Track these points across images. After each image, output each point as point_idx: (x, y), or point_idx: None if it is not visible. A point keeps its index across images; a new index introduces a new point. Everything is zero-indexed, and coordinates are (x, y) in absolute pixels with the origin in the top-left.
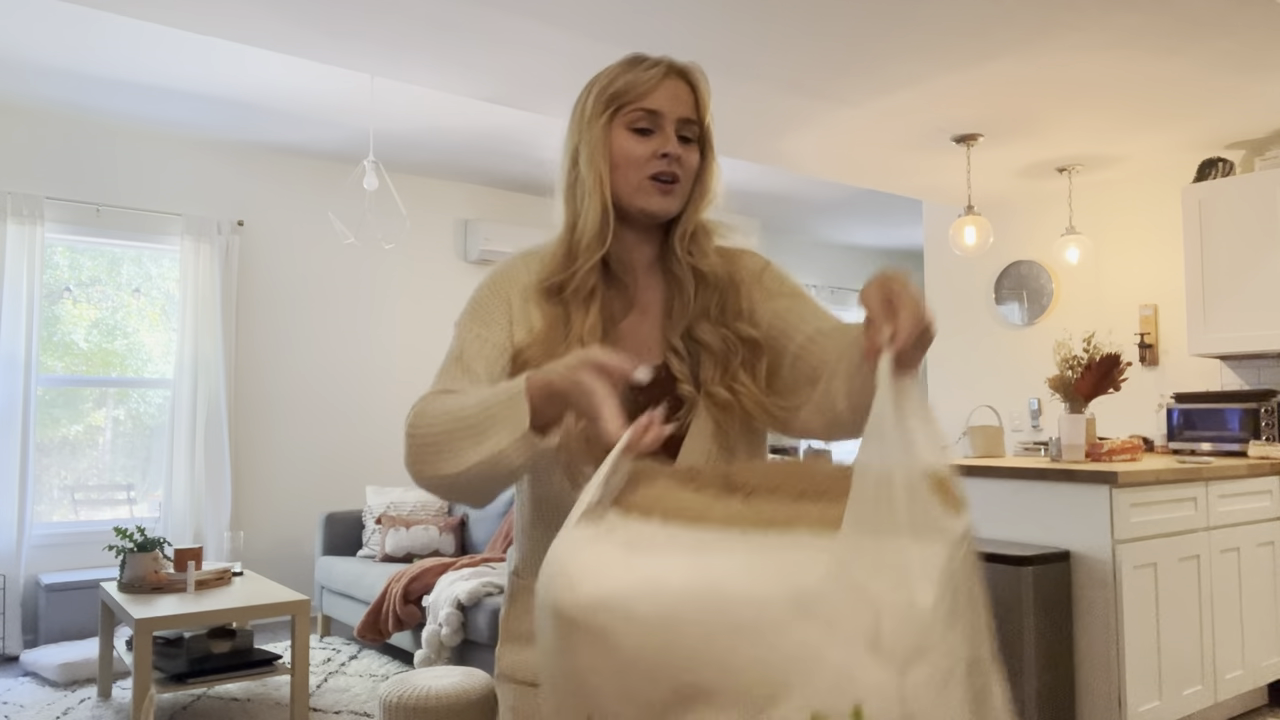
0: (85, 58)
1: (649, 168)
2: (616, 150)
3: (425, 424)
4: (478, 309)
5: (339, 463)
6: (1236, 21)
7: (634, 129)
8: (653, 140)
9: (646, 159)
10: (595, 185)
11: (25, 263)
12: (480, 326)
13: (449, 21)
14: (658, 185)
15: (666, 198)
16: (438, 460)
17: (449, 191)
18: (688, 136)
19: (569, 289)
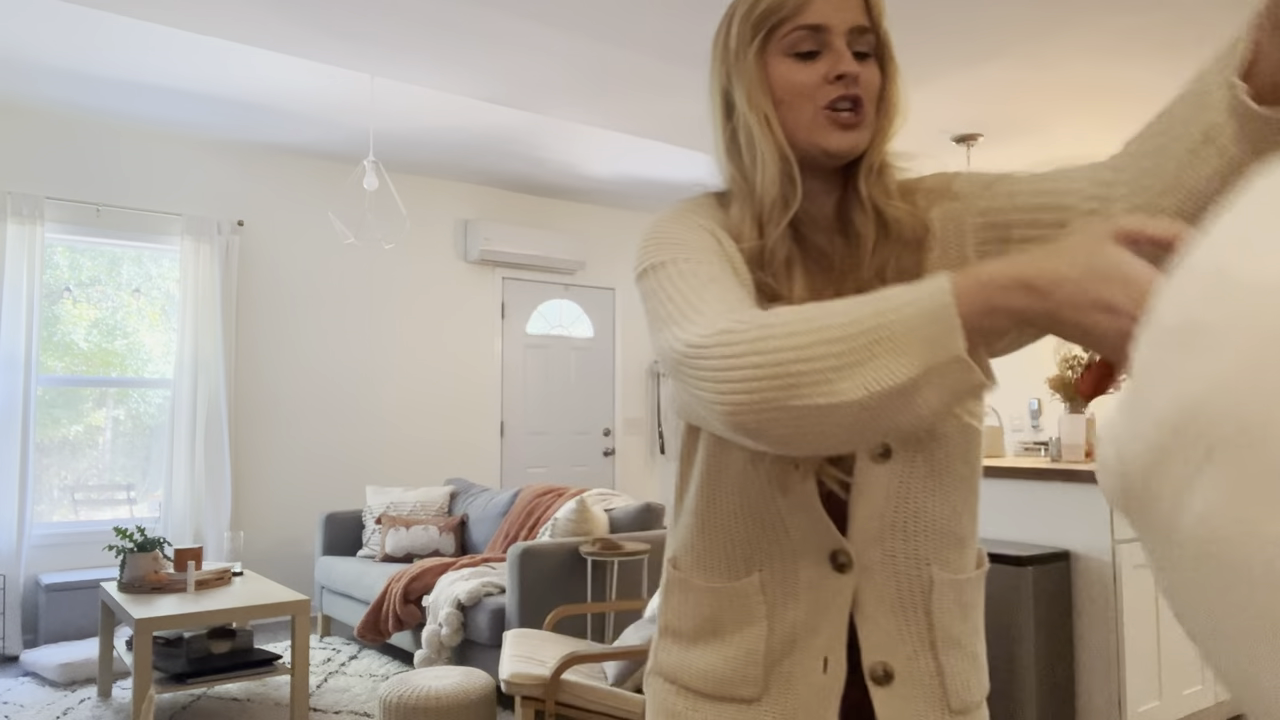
0: (86, 58)
1: (822, 96)
2: (778, 83)
3: (777, 338)
4: (695, 247)
5: (339, 463)
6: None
7: (795, 54)
8: (821, 62)
9: (817, 86)
10: (765, 130)
11: (25, 263)
12: (712, 263)
13: (449, 22)
14: (837, 116)
15: (851, 130)
16: (799, 390)
17: (449, 191)
18: (863, 50)
19: (765, 266)
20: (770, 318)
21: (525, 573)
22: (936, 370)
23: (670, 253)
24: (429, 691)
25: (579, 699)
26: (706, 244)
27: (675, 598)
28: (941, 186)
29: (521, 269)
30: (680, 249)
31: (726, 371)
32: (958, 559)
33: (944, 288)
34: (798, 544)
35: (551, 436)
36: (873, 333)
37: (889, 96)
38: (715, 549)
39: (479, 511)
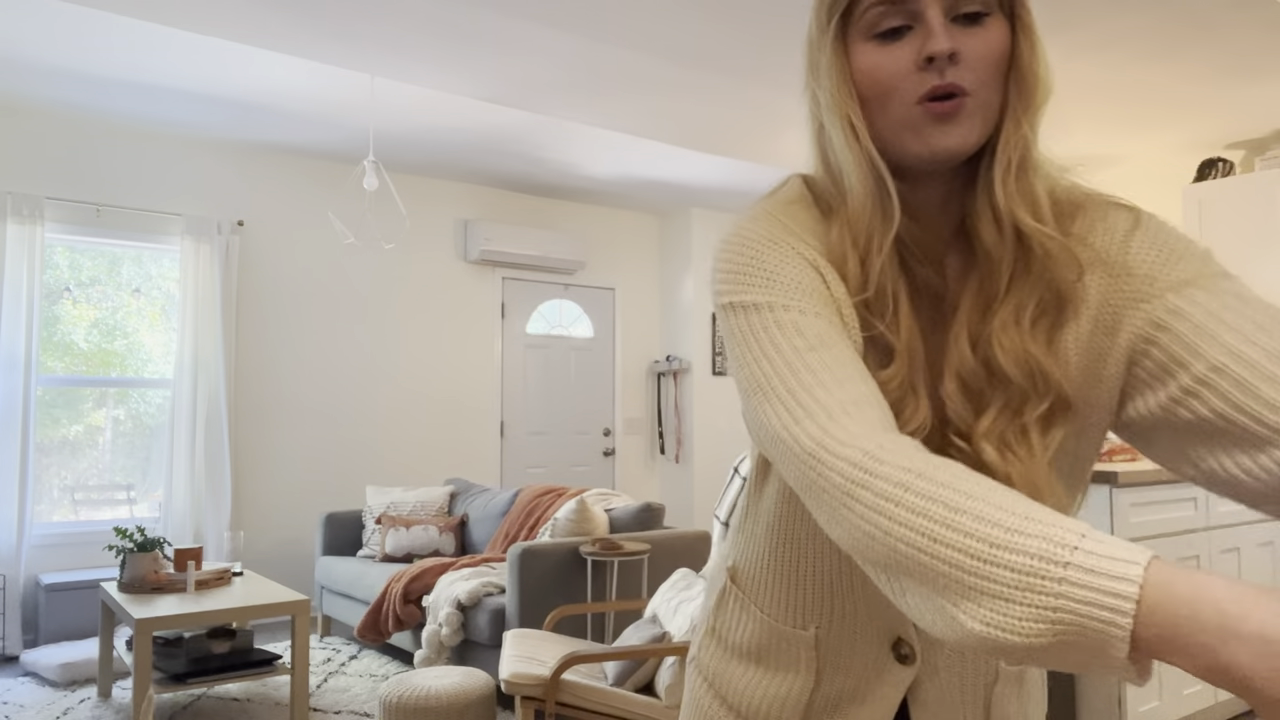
0: (86, 58)
1: (912, 88)
2: (860, 75)
3: (917, 513)
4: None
5: (339, 463)
6: (1236, 23)
7: (877, 35)
8: (910, 41)
9: (906, 74)
10: (849, 137)
11: (25, 263)
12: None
13: (449, 22)
14: (932, 110)
15: (949, 125)
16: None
17: (449, 191)
18: (973, 10)
19: (871, 307)
20: (918, 477)
21: (525, 573)
22: (1072, 653)
23: (766, 292)
24: (429, 691)
25: (579, 699)
26: (809, 284)
27: (729, 608)
28: (1112, 245)
29: (521, 269)
30: (778, 290)
31: (848, 510)
32: None
33: (1127, 604)
34: (862, 619)
35: (551, 436)
36: (1024, 583)
37: (1022, 63)
38: (777, 587)
39: (479, 511)
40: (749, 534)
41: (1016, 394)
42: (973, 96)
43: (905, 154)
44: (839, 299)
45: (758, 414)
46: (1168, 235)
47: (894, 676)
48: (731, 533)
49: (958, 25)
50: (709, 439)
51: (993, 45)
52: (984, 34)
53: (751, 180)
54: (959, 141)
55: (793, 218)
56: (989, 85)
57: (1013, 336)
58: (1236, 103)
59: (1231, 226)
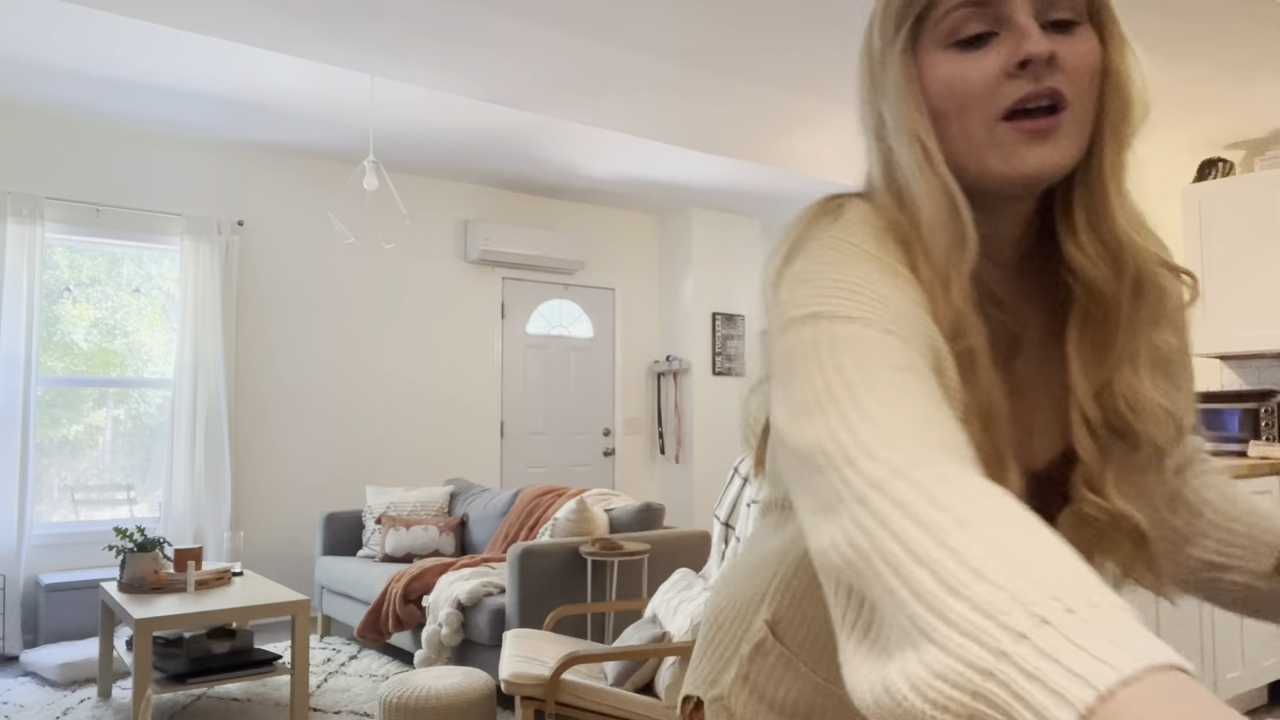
0: (85, 58)
1: (1000, 99)
2: (934, 87)
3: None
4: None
5: (339, 463)
6: (1236, 23)
7: (956, 42)
8: (996, 48)
9: (993, 84)
10: (919, 161)
11: (25, 263)
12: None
13: (449, 22)
14: (1022, 126)
15: (1043, 144)
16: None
17: (449, 191)
18: (1064, 18)
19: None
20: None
21: (525, 573)
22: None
23: (858, 307)
24: (429, 691)
25: (579, 699)
26: (913, 315)
27: (769, 662)
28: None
29: (521, 269)
30: (875, 308)
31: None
32: None
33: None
34: None
35: (551, 436)
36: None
37: (1120, 76)
38: (830, 644)
39: (479, 511)
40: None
41: (1152, 439)
42: (1070, 110)
43: (986, 176)
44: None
45: (802, 431)
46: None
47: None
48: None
49: (1048, 32)
50: (709, 439)
51: (1088, 54)
52: (1078, 42)
53: (751, 180)
54: (1055, 161)
55: (876, 244)
56: (1085, 98)
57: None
58: (1236, 103)
59: (1231, 226)
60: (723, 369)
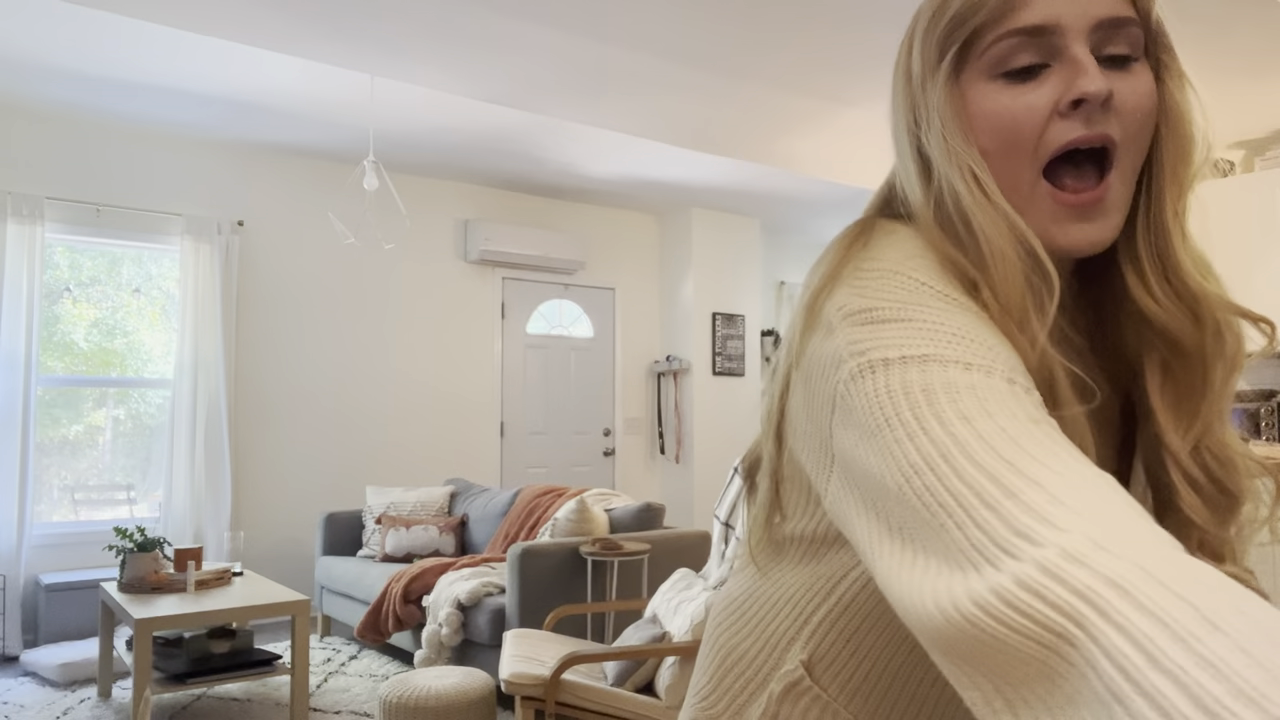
0: (85, 58)
1: (1049, 139)
2: (980, 123)
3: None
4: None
5: (339, 463)
6: (1237, 23)
7: (1005, 73)
8: (1048, 81)
9: (1041, 122)
10: (979, 198)
11: (25, 263)
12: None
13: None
14: (1067, 201)
15: (1087, 221)
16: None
17: (449, 191)
18: (1120, 54)
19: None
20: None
21: (525, 573)
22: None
23: (951, 349)
24: (429, 691)
25: (579, 699)
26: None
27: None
28: None
29: (521, 269)
30: (965, 346)
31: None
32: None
33: None
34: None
35: (551, 436)
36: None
37: (1176, 116)
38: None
39: (479, 511)
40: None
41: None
42: (1118, 167)
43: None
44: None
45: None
46: None
47: None
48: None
49: (1104, 69)
50: (709, 439)
51: (1145, 95)
52: (1135, 80)
53: (751, 180)
54: (1093, 240)
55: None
56: (1136, 144)
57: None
58: (1237, 103)
59: (1231, 226)
60: (723, 369)
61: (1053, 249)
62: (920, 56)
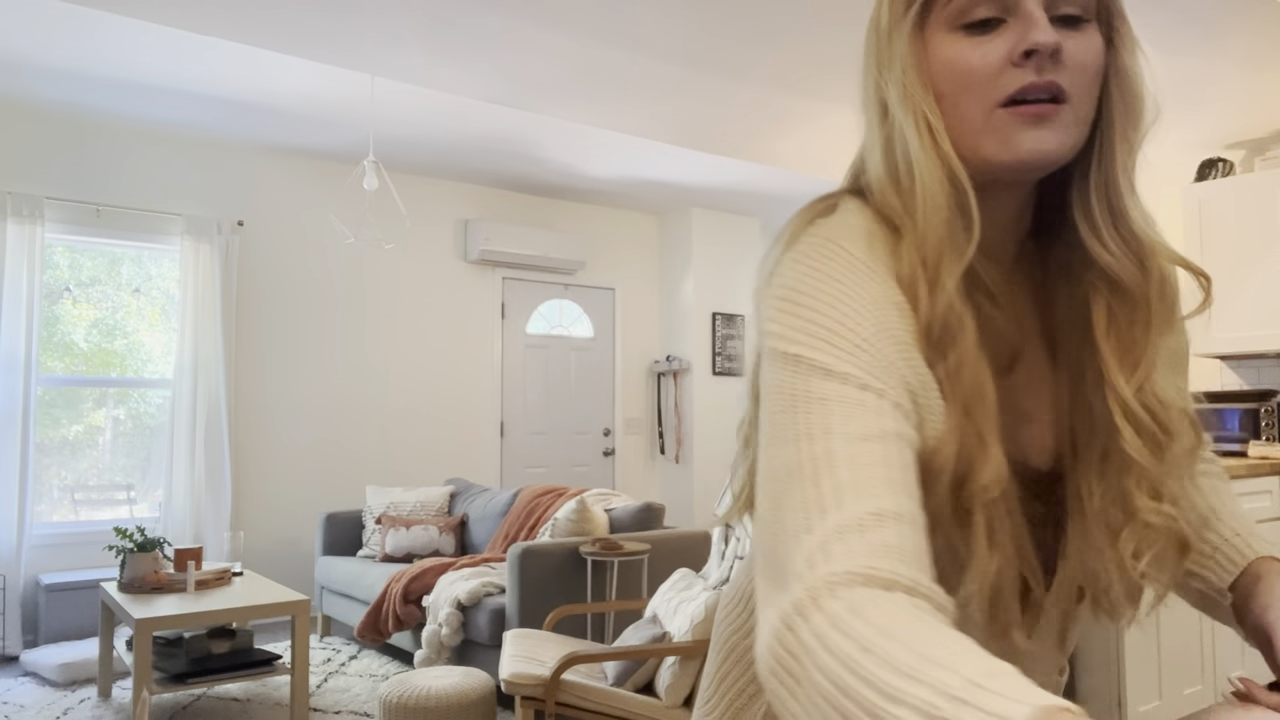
0: (86, 58)
1: (1001, 86)
2: (939, 69)
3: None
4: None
5: (339, 463)
6: (1237, 22)
7: (965, 25)
8: (1003, 35)
9: (995, 71)
10: (923, 138)
11: (25, 263)
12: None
13: (449, 22)
14: (1023, 111)
15: (1043, 129)
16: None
17: (449, 191)
18: (1072, 13)
19: (941, 334)
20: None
21: (525, 573)
22: None
23: (836, 355)
24: (429, 691)
25: (579, 699)
26: (887, 352)
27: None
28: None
29: (521, 269)
30: (850, 355)
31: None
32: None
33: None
34: None
35: (551, 436)
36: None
37: (1128, 77)
38: None
39: (479, 511)
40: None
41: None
42: (1070, 104)
43: (982, 162)
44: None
45: (777, 502)
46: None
47: None
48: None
49: (1055, 26)
50: (709, 439)
51: (1093, 51)
52: (1084, 39)
53: (751, 180)
54: (1050, 146)
55: (881, 264)
56: (1086, 96)
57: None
58: (1236, 102)
59: (1231, 226)
60: (723, 369)
61: (1015, 161)
62: (889, 8)
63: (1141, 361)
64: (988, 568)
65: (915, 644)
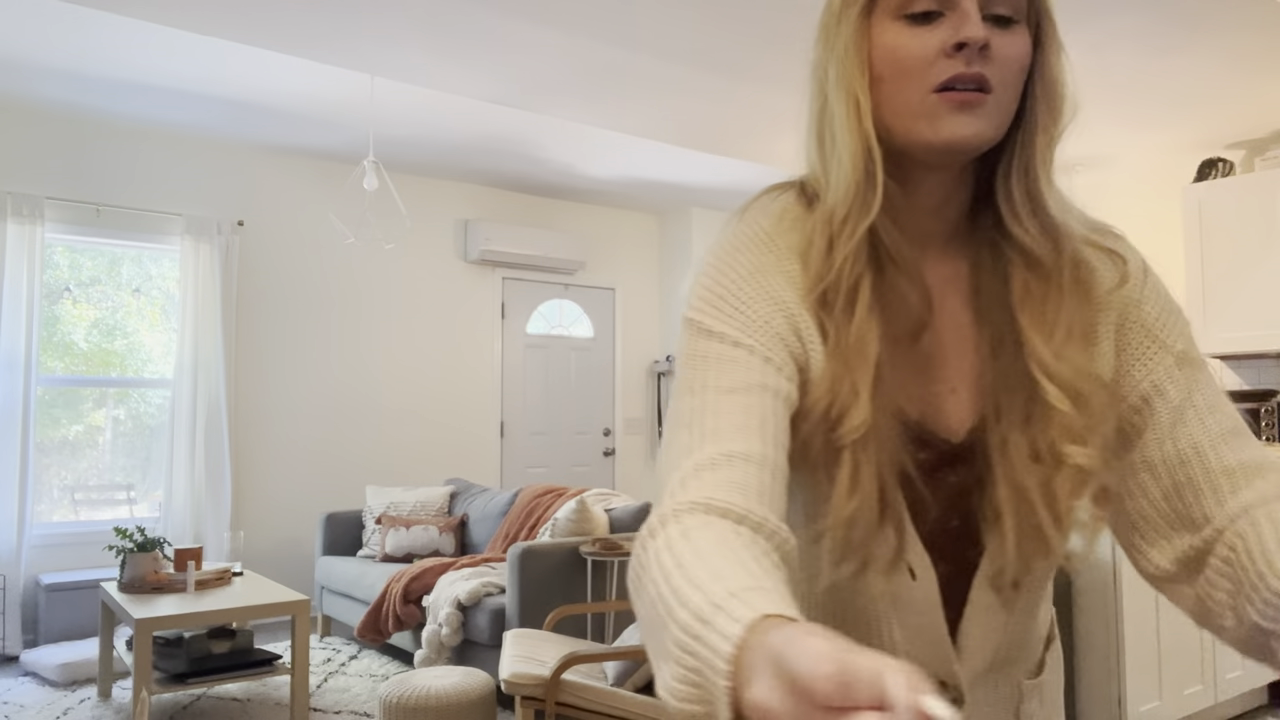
0: (86, 58)
1: (935, 74)
2: (879, 53)
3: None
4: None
5: (339, 463)
6: (1236, 22)
7: (907, 15)
8: (941, 27)
9: (930, 60)
10: (849, 115)
11: (25, 263)
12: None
13: (449, 22)
14: (951, 98)
15: (967, 115)
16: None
17: (449, 191)
18: (1004, 14)
19: (830, 292)
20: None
21: (525, 573)
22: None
23: (722, 320)
24: (429, 691)
25: (579, 699)
26: (774, 324)
27: None
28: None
29: (521, 269)
30: (739, 323)
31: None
32: (1036, 656)
33: (724, 660)
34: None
35: (551, 436)
36: (678, 643)
37: (1050, 75)
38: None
39: (479, 511)
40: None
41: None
42: (995, 95)
43: (914, 143)
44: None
45: (666, 445)
46: (1165, 291)
47: None
48: None
49: (987, 24)
50: None
51: (1020, 49)
52: (1012, 37)
53: (752, 180)
54: (976, 132)
55: (783, 237)
56: (1010, 89)
57: (1080, 357)
58: (1236, 102)
59: (1231, 226)
60: None
61: (941, 143)
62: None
63: (1056, 330)
64: (844, 506)
65: (713, 562)
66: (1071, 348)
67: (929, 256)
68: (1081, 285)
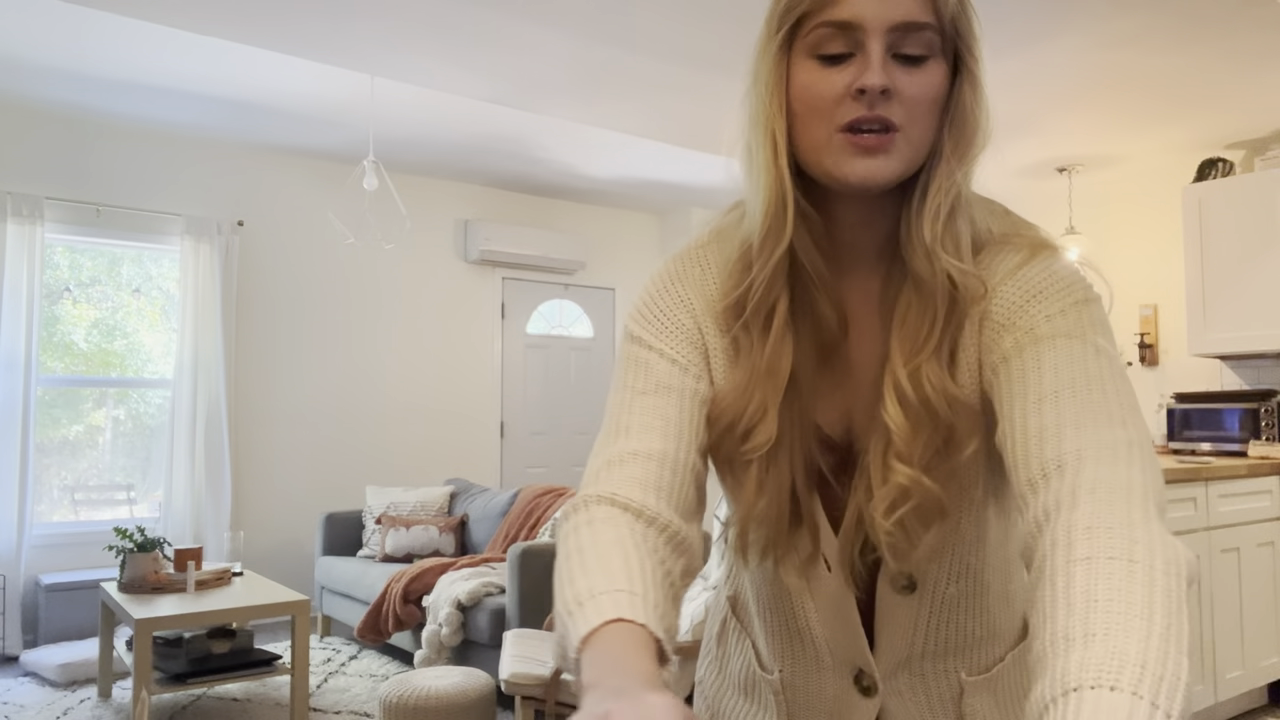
0: (86, 58)
1: (841, 115)
2: (795, 91)
3: (560, 539)
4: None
5: (339, 463)
6: (1237, 22)
7: (819, 55)
8: (849, 68)
9: (837, 100)
10: (764, 148)
11: (25, 263)
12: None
13: (449, 22)
14: (854, 140)
15: (870, 159)
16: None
17: (449, 191)
18: (915, 53)
19: (748, 310)
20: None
21: (525, 573)
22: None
23: (649, 329)
24: (429, 691)
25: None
26: (687, 329)
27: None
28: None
29: (521, 269)
30: (657, 330)
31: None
32: (990, 655)
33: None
34: (824, 657)
35: (551, 436)
36: (558, 615)
37: (963, 109)
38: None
39: (479, 511)
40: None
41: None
42: (902, 133)
43: (823, 177)
44: (710, 348)
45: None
46: (1042, 277)
47: (861, 709)
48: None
49: (897, 63)
50: None
51: (929, 86)
52: (922, 75)
53: None
54: (876, 174)
55: (711, 241)
56: (920, 124)
57: (938, 374)
58: (1236, 102)
59: (1231, 226)
60: None
61: (846, 183)
62: (764, 28)
63: (923, 349)
64: (750, 509)
65: (599, 554)
66: (931, 366)
67: (856, 273)
68: (958, 304)
